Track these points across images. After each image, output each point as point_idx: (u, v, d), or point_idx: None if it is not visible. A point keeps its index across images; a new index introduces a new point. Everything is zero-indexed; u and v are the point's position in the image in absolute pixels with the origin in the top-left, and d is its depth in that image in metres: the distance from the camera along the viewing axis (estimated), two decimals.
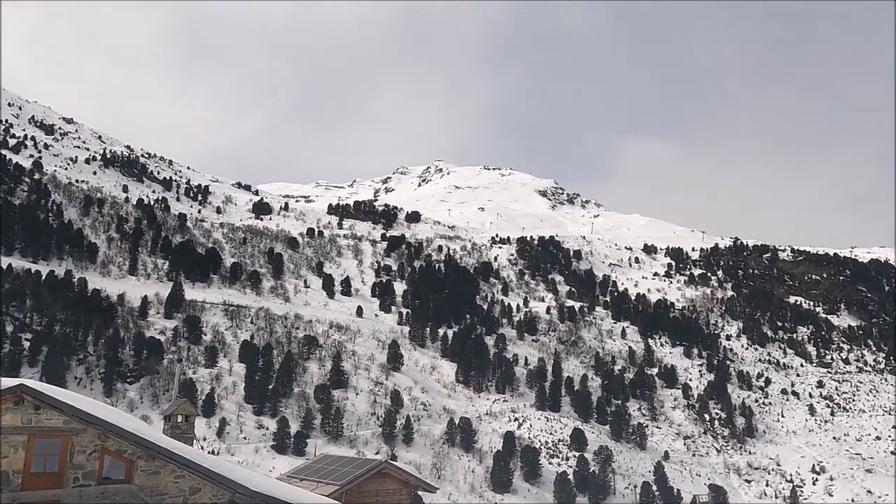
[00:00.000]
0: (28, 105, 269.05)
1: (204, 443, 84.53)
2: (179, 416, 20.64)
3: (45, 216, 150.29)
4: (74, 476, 15.60)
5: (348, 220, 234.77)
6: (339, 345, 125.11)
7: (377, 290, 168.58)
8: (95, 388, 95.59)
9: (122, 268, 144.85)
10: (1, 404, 15.00)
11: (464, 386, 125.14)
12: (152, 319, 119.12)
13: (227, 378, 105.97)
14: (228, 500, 17.00)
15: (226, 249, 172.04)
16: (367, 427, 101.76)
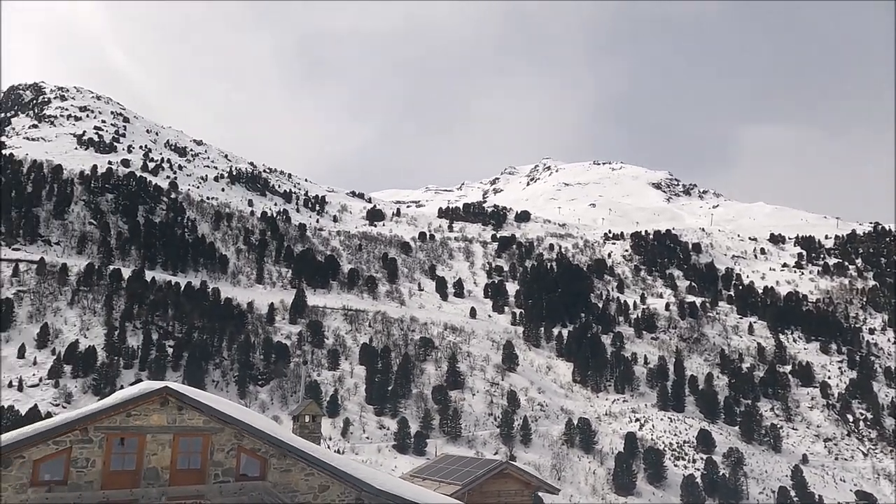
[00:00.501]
0: (163, 130, 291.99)
1: (330, 442, 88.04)
2: (307, 416, 21.53)
3: (182, 232, 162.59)
4: (215, 473, 16.63)
5: (458, 222, 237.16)
6: (454, 346, 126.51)
7: (489, 291, 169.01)
8: (231, 390, 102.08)
9: (249, 277, 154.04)
10: (149, 405, 16.27)
11: (581, 386, 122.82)
12: (279, 325, 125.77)
13: (348, 380, 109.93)
14: (355, 497, 17.51)
15: (343, 256, 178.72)
16: (484, 427, 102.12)
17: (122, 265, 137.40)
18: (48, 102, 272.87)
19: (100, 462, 15.63)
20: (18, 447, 14.98)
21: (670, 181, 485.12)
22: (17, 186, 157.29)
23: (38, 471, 15.12)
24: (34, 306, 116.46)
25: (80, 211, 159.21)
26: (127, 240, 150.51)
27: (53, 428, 15.48)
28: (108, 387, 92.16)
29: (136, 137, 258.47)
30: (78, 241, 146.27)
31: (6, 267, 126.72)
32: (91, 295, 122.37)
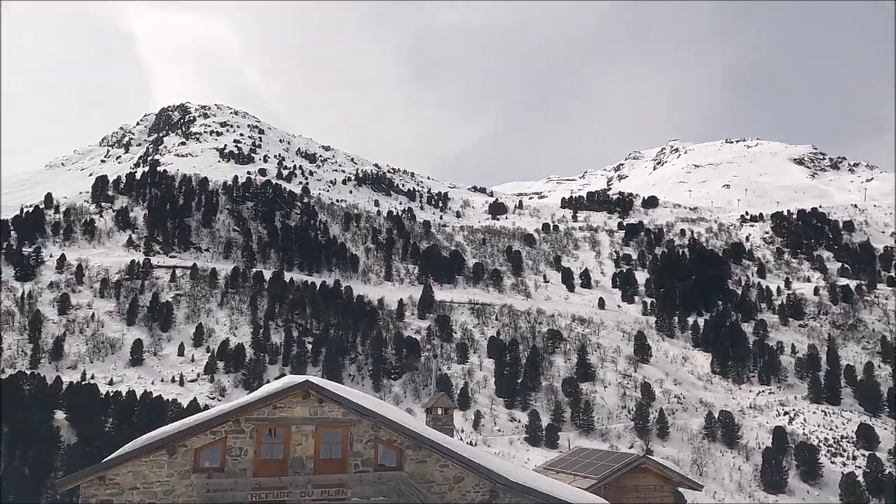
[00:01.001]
0: (294, 139, 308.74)
1: (462, 434, 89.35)
2: (439, 408, 21.91)
3: (315, 234, 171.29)
4: (355, 462, 17.32)
5: (582, 211, 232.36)
6: (583, 338, 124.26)
7: (618, 281, 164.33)
8: (366, 383, 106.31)
9: (379, 274, 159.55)
10: (292, 398, 17.21)
11: (721, 377, 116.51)
12: (408, 320, 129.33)
13: (478, 373, 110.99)
14: (489, 489, 17.58)
15: (467, 251, 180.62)
16: (618, 420, 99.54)
17: (264, 268, 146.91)
18: (193, 121, 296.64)
19: (251, 451, 16.74)
20: (182, 437, 16.37)
21: (814, 155, 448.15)
22: (170, 199, 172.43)
23: (199, 458, 16.44)
24: (190, 308, 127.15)
25: (225, 219, 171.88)
26: (266, 244, 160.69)
27: (210, 419, 16.76)
28: (255, 381, 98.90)
29: (270, 147, 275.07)
30: (224, 246, 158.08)
31: (165, 273, 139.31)
32: (238, 296, 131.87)
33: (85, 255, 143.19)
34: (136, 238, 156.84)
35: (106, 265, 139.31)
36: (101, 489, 15.67)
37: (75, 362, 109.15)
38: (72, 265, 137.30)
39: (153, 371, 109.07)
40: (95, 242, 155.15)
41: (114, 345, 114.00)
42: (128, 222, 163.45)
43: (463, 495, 17.49)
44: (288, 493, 16.31)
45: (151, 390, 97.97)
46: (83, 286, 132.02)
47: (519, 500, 17.60)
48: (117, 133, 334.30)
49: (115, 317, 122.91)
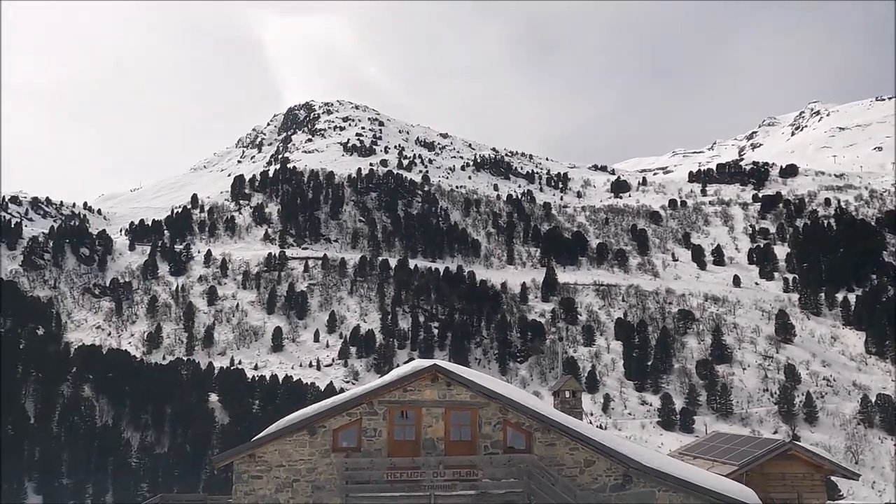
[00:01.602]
0: (413, 129, 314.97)
1: (591, 418, 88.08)
2: (566, 391, 21.63)
3: (436, 221, 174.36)
4: (484, 444, 17.50)
5: (712, 185, 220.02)
6: (717, 318, 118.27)
7: (754, 257, 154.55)
8: (492, 367, 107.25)
9: (500, 259, 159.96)
10: (421, 381, 17.65)
11: (877, 358, 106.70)
12: (532, 303, 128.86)
13: (605, 355, 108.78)
14: (622, 474, 17.17)
15: (590, 231, 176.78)
16: (759, 404, 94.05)
17: (389, 256, 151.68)
18: (318, 118, 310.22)
19: (385, 432, 17.37)
20: (321, 418, 17.28)
21: None
22: (300, 194, 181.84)
23: (337, 438, 17.30)
24: (322, 297, 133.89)
25: (351, 210, 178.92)
26: (391, 232, 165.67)
27: (345, 402, 17.56)
28: (386, 365, 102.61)
29: (390, 139, 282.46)
30: (351, 237, 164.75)
31: (298, 264, 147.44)
32: (366, 284, 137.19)
33: (228, 250, 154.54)
34: (271, 232, 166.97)
35: (246, 258, 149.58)
36: (251, 466, 16.88)
37: (224, 349, 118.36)
38: (217, 259, 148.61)
39: (292, 356, 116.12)
40: (236, 238, 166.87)
41: (257, 332, 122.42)
42: (263, 217, 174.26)
43: (594, 479, 17.20)
44: (421, 472, 16.76)
45: (291, 374, 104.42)
46: (227, 278, 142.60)
47: (654, 485, 17.07)
48: (250, 134, 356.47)
49: (256, 306, 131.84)
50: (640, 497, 17.04)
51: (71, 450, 79.98)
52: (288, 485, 16.82)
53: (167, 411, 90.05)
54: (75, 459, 78.86)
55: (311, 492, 16.83)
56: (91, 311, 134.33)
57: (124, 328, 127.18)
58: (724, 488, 17.24)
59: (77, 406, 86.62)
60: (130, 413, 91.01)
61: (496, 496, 16.73)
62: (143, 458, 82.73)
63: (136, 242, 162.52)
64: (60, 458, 79.09)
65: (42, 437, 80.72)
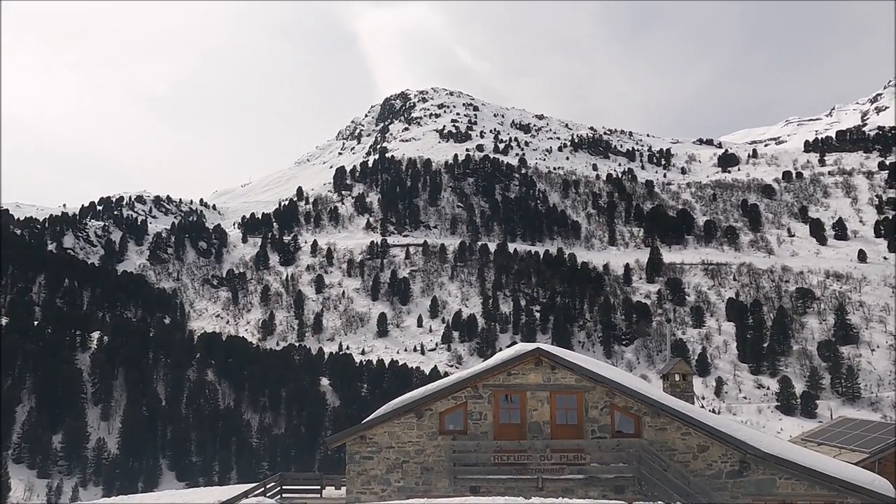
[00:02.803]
0: (508, 112, 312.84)
1: (703, 401, 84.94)
2: (676, 375, 20.92)
3: (535, 204, 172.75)
4: (591, 428, 17.24)
5: (831, 154, 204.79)
6: (840, 296, 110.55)
7: (882, 230, 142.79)
8: (596, 350, 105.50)
9: (602, 240, 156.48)
10: (525, 365, 17.59)
11: None
12: (636, 285, 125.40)
13: (716, 337, 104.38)
14: (739, 460, 16.44)
15: (696, 209, 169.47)
16: (890, 388, 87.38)
17: (488, 240, 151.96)
18: (413, 106, 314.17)
19: (490, 415, 17.48)
20: (427, 401, 17.62)
21: None
22: (399, 182, 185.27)
23: (443, 421, 17.58)
24: (424, 282, 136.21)
25: (449, 196, 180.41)
26: (489, 217, 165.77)
27: (450, 385, 17.79)
28: (488, 349, 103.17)
29: (485, 123, 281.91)
30: (450, 223, 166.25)
31: (400, 251, 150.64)
32: (466, 269, 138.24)
33: (332, 240, 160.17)
34: (372, 221, 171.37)
35: (349, 247, 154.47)
36: (363, 447, 17.49)
37: (332, 335, 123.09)
38: (322, 249, 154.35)
39: (397, 341, 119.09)
40: (340, 227, 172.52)
41: (362, 318, 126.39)
42: (364, 207, 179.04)
43: (709, 465, 16.56)
44: (528, 456, 16.75)
45: (397, 359, 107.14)
46: (333, 267, 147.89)
47: (774, 472, 16.24)
48: (349, 126, 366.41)
49: (361, 293, 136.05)
50: (759, 485, 16.26)
51: (198, 430, 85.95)
52: (398, 466, 17.29)
53: (282, 394, 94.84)
54: (202, 439, 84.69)
55: (419, 473, 17.22)
56: (210, 300, 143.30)
57: (241, 316, 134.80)
58: (854, 477, 16.14)
59: (202, 389, 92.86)
60: (249, 396, 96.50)
61: (605, 480, 16.48)
62: (263, 438, 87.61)
63: (248, 235, 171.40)
64: (189, 438, 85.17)
65: (173, 417, 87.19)
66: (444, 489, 16.69)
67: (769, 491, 16.14)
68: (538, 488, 16.12)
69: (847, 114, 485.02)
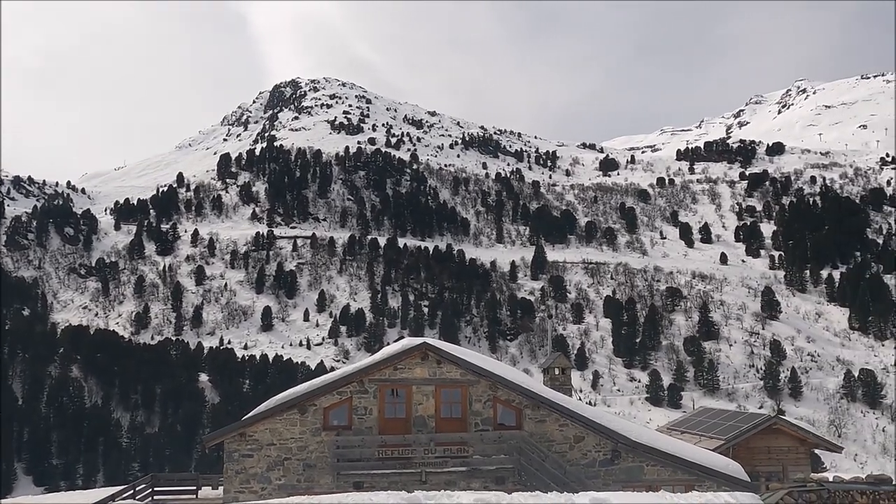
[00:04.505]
0: (401, 107, 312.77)
1: (581, 394, 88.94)
2: (556, 368, 21.80)
3: (425, 200, 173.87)
4: (475, 421, 17.62)
5: (700, 163, 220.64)
6: (704, 295, 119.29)
7: (741, 235, 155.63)
8: (482, 345, 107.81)
9: (490, 237, 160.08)
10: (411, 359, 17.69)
11: (860, 333, 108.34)
12: (521, 282, 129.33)
13: (594, 333, 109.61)
14: (611, 449, 17.37)
15: (579, 210, 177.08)
16: (745, 380, 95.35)
17: (378, 235, 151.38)
18: (304, 95, 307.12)
19: (376, 410, 17.45)
20: (311, 397, 17.32)
21: None
22: (288, 173, 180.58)
23: (328, 417, 17.36)
24: (311, 276, 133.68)
25: (339, 189, 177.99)
26: (379, 211, 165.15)
27: (336, 380, 17.60)
28: (376, 344, 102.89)
29: (378, 117, 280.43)
30: (340, 215, 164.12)
31: (287, 243, 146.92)
32: (355, 263, 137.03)
33: (215, 229, 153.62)
34: (258, 211, 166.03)
35: (234, 238, 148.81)
36: (242, 445, 16.93)
37: (213, 329, 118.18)
38: (204, 239, 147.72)
39: (282, 336, 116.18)
40: (223, 217, 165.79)
41: (246, 312, 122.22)
42: (251, 196, 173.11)
43: (584, 455, 17.40)
44: (412, 450, 16.88)
45: (282, 354, 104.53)
46: (215, 258, 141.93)
47: (642, 460, 17.29)
48: (236, 112, 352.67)
49: (245, 286, 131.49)
50: (629, 472, 17.26)
51: (60, 430, 79.95)
52: (279, 463, 16.89)
53: (157, 391, 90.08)
54: (65, 440, 78.87)
55: (302, 470, 16.91)
56: (77, 291, 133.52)
57: (111, 308, 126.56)
58: (711, 462, 17.49)
59: (65, 387, 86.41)
60: (120, 393, 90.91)
61: (487, 472, 16.90)
62: (134, 437, 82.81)
63: (121, 222, 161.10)
64: (50, 439, 79.06)
65: (31, 417, 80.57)
66: (327, 486, 16.49)
67: (637, 477, 17.17)
68: (422, 482, 16.27)
69: (714, 126, 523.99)
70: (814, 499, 10.29)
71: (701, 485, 16.62)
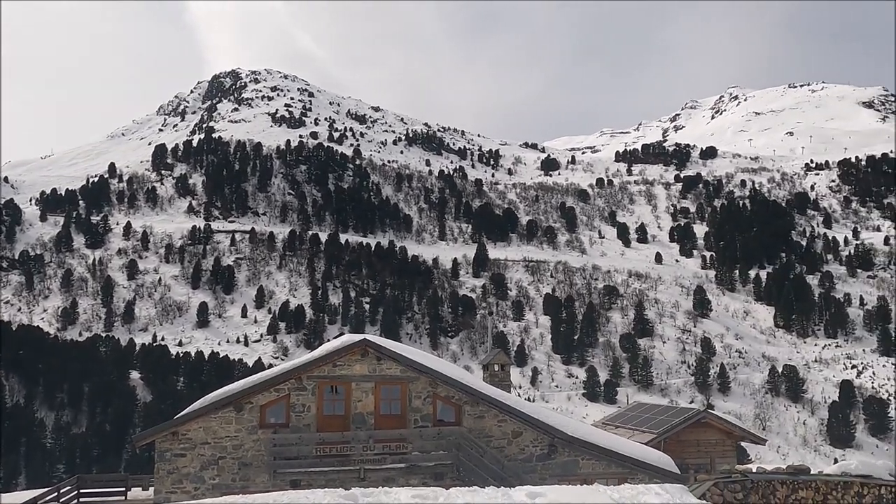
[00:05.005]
0: (344, 101, 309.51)
1: (520, 390, 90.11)
2: (496, 365, 22.03)
3: (368, 196, 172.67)
4: (414, 418, 17.63)
5: (637, 165, 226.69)
6: (640, 293, 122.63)
7: (675, 235, 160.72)
8: (423, 341, 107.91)
9: (432, 234, 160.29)
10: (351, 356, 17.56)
11: (784, 331, 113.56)
12: (463, 279, 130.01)
13: (534, 330, 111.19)
14: (548, 443, 17.67)
15: (520, 208, 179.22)
16: (677, 375, 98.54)
17: (319, 230, 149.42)
18: (244, 86, 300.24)
19: (314, 407, 17.24)
20: (248, 394, 16.97)
21: (885, 97, 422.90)
22: (227, 165, 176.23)
23: (264, 415, 17.05)
24: (250, 271, 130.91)
25: (280, 183, 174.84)
26: (321, 206, 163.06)
27: (273, 377, 17.30)
28: (316, 341, 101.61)
29: (320, 110, 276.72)
30: (280, 210, 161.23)
31: (225, 238, 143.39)
32: (296, 259, 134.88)
33: (149, 222, 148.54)
34: (195, 204, 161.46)
35: (169, 231, 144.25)
36: (174, 444, 16.45)
37: (146, 325, 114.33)
38: (137, 232, 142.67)
39: (219, 332, 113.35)
40: (158, 209, 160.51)
41: (181, 308, 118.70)
42: (187, 189, 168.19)
43: (522, 450, 17.64)
44: (350, 447, 16.76)
45: (218, 350, 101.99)
46: (149, 252, 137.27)
47: (577, 454, 17.66)
48: (173, 102, 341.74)
49: (180, 281, 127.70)
50: (564, 466, 17.60)
51: None
52: (213, 462, 16.51)
53: (85, 390, 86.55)
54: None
55: (237, 469, 16.57)
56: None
57: (36, 303, 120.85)
58: (643, 455, 18.01)
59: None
60: (44, 392, 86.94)
61: (426, 468, 16.93)
62: (59, 438, 79.36)
63: (48, 213, 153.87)
64: None
65: None
66: (264, 484, 16.21)
67: (573, 471, 17.52)
68: (360, 479, 16.18)
69: (651, 129, 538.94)
70: (738, 489, 10.72)
71: (634, 477, 17.08)
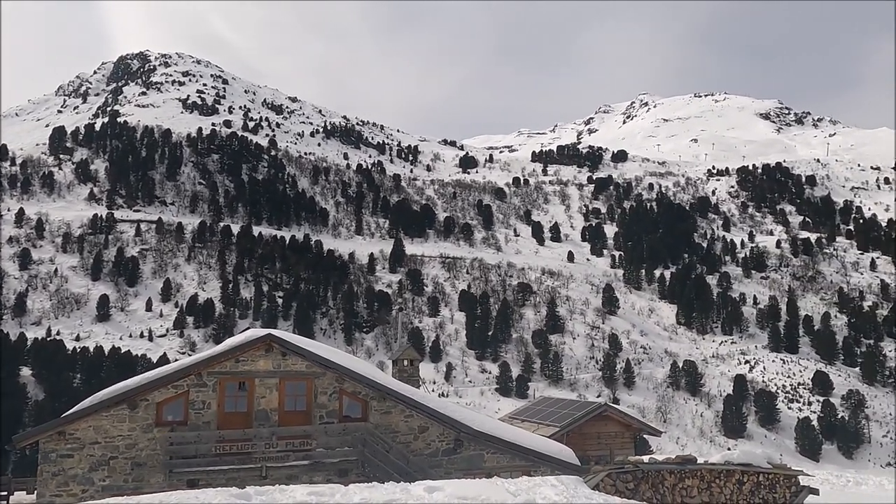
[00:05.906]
0: (260, 90, 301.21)
1: (434, 386, 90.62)
2: (405, 360, 22.06)
3: (283, 188, 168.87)
4: (320, 414, 17.39)
5: (552, 165, 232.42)
6: (552, 290, 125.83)
7: (587, 235, 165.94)
8: (338, 337, 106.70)
9: (349, 229, 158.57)
10: (255, 351, 17.11)
11: (686, 328, 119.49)
12: (379, 274, 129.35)
13: (449, 326, 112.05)
14: (454, 438, 17.84)
15: (438, 205, 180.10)
16: (586, 370, 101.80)
17: (232, 222, 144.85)
18: (153, 70, 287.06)
19: (215, 404, 16.70)
20: (143, 391, 16.24)
21: (780, 110, 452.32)
22: (132, 152, 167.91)
23: (161, 412, 16.36)
24: (156, 263, 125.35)
25: (190, 172, 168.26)
26: (234, 197, 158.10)
27: (171, 374, 16.63)
28: (226, 336, 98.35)
29: (235, 98, 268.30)
30: (190, 200, 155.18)
31: (129, 227, 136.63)
32: (205, 251, 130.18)
33: (44, 209, 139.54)
34: (97, 191, 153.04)
35: (67, 219, 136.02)
36: (60, 444, 15.54)
37: (39, 318, 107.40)
38: (31, 219, 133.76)
39: (121, 327, 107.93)
40: (55, 196, 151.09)
41: (79, 300, 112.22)
42: (88, 175, 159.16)
43: (428, 444, 17.73)
44: (252, 444, 16.34)
45: (120, 346, 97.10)
46: (44, 241, 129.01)
47: (482, 448, 17.92)
48: (73, 82, 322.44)
49: (79, 272, 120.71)
50: (470, 460, 17.83)
51: None
52: (104, 462, 15.71)
53: None
54: None
55: (130, 469, 15.84)
56: None
57: None
58: (545, 448, 18.48)
59: None
60: None
61: (330, 465, 16.73)
62: None
63: None
64: None
65: None
66: (159, 485, 15.56)
67: (478, 465, 17.77)
68: (262, 476, 15.81)
69: (566, 131, 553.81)
70: (629, 479, 11.18)
71: (536, 470, 17.49)
